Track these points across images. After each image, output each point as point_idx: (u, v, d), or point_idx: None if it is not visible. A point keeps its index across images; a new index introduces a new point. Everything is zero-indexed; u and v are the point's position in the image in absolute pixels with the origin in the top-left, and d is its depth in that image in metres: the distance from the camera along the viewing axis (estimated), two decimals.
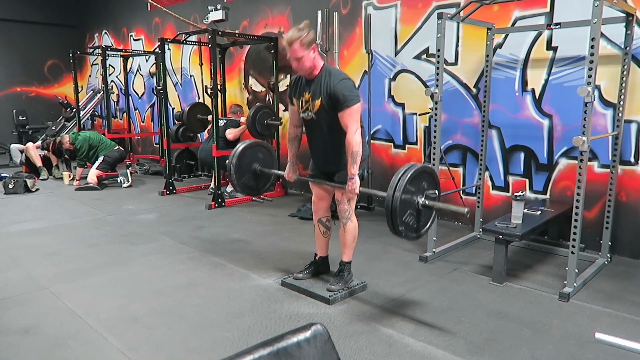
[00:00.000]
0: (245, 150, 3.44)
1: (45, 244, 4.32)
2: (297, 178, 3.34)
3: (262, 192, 3.66)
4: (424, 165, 2.67)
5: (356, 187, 2.90)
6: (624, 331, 2.72)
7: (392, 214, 2.51)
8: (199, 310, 2.99)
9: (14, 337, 2.65)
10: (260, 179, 3.57)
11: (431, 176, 2.72)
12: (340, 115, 2.85)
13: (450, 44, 4.71)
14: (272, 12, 6.59)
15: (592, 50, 2.86)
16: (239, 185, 3.47)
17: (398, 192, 2.49)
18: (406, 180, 2.51)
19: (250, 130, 5.80)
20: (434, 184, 2.72)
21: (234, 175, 3.40)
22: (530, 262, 3.81)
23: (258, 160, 3.52)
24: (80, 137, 7.03)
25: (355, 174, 2.87)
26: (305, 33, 2.79)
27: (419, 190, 2.61)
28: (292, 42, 2.78)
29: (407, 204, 2.55)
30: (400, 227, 2.54)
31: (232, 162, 3.39)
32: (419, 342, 2.57)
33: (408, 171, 2.55)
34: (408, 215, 2.57)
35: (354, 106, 2.82)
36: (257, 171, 3.49)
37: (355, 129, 2.82)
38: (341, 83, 2.82)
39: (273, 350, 1.00)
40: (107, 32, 10.42)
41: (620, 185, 3.82)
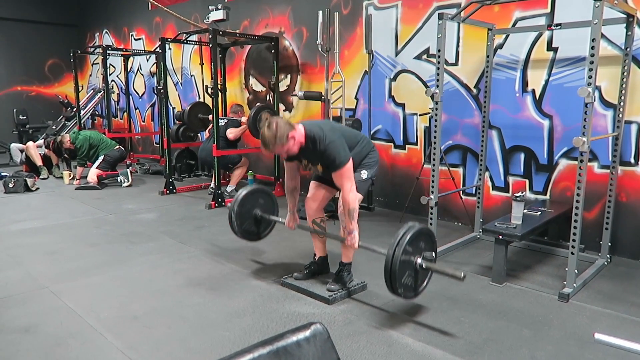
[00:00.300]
0: (247, 196, 3.53)
1: (46, 243, 4.32)
2: (297, 227, 3.41)
3: (262, 237, 3.71)
4: (422, 227, 2.73)
5: (355, 241, 2.97)
6: (624, 332, 2.72)
7: (391, 277, 2.60)
8: (198, 309, 2.99)
9: (14, 335, 2.66)
10: (261, 224, 3.65)
11: (429, 237, 2.79)
12: (333, 176, 2.91)
13: (451, 45, 4.71)
14: (273, 12, 6.59)
15: (593, 51, 2.86)
16: (240, 231, 3.54)
17: (397, 252, 2.57)
18: (405, 243, 2.59)
19: (251, 130, 5.79)
20: (432, 245, 2.80)
21: (235, 222, 3.49)
22: (530, 262, 3.81)
23: (259, 205, 3.60)
24: (80, 136, 7.03)
25: (353, 229, 2.94)
26: (274, 131, 2.74)
27: (417, 250, 2.69)
28: (272, 147, 2.78)
29: (406, 265, 2.63)
30: (400, 289, 2.63)
31: (234, 209, 3.47)
32: (419, 342, 2.57)
33: (408, 232, 2.62)
34: (406, 276, 2.65)
35: (344, 167, 2.85)
36: (258, 217, 3.57)
37: (349, 187, 2.87)
38: (328, 149, 2.82)
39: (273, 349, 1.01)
40: (107, 32, 10.42)
41: (620, 186, 3.82)
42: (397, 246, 2.58)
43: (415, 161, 5.23)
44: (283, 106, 6.61)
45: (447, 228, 4.74)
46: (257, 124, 5.79)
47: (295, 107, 6.54)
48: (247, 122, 5.81)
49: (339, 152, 2.82)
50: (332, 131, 2.89)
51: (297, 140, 2.83)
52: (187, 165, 7.81)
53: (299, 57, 6.34)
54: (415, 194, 4.84)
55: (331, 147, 2.81)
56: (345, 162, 2.84)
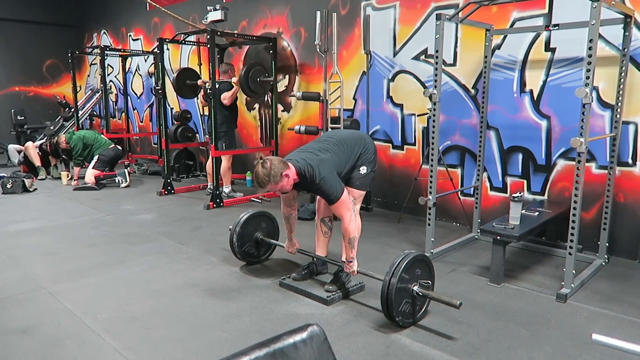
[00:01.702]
0: (249, 219, 3.64)
1: (43, 243, 4.31)
2: (297, 251, 3.47)
3: (262, 260, 3.79)
4: (418, 254, 2.77)
5: (355, 269, 3.07)
6: (621, 332, 2.72)
7: (387, 305, 2.63)
8: (196, 310, 2.99)
9: (12, 337, 2.65)
10: (261, 247, 3.75)
11: (425, 264, 2.82)
12: (332, 208, 2.99)
13: (449, 45, 4.72)
14: (271, 12, 6.59)
15: (590, 51, 2.87)
16: (240, 253, 3.63)
17: (393, 281, 2.60)
18: (401, 270, 2.63)
19: (243, 88, 5.69)
20: (428, 272, 2.84)
21: (235, 243, 3.58)
22: (528, 263, 3.82)
23: (260, 229, 3.72)
24: (74, 136, 7.04)
25: (353, 257, 3.05)
26: (268, 170, 2.77)
27: (413, 278, 2.72)
28: (265, 185, 2.81)
29: (402, 293, 2.67)
30: (397, 317, 2.65)
31: (235, 231, 3.57)
32: (417, 343, 2.57)
33: (404, 260, 2.67)
34: (404, 304, 2.69)
35: (340, 199, 2.91)
36: (259, 240, 3.67)
37: (349, 217, 2.95)
38: (322, 184, 2.87)
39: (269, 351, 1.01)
40: (105, 32, 10.41)
41: (618, 186, 3.83)
42: (393, 274, 2.63)
43: (413, 161, 5.24)
44: (281, 106, 6.61)
45: (445, 228, 4.75)
46: (249, 80, 5.71)
47: (294, 107, 6.54)
48: (239, 81, 5.72)
49: (331, 187, 2.88)
50: (324, 165, 2.90)
51: (290, 178, 2.87)
52: (186, 165, 7.81)
53: (297, 57, 6.34)
54: (414, 195, 4.84)
55: (324, 184, 2.87)
56: (339, 195, 2.90)
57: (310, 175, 2.87)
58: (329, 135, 3.28)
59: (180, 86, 6.56)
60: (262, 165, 2.77)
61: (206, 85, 5.68)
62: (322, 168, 2.88)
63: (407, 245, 4.25)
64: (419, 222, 4.82)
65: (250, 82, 5.73)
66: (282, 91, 6.55)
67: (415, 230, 4.67)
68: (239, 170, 7.00)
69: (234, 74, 6.05)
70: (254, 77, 5.75)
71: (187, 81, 6.58)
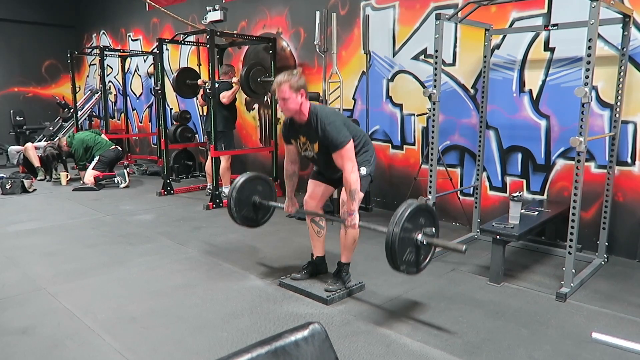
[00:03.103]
0: (245, 183, 3.53)
1: (43, 244, 4.31)
2: (296, 211, 3.41)
3: (261, 223, 3.71)
4: (421, 203, 2.72)
5: (356, 222, 2.96)
6: (621, 331, 2.73)
7: (392, 254, 2.58)
8: (196, 310, 2.98)
9: (11, 337, 2.65)
10: (259, 211, 3.64)
11: (429, 213, 2.78)
12: (334, 157, 2.92)
13: (448, 45, 4.72)
14: (271, 12, 6.60)
15: (589, 51, 2.87)
16: (239, 217, 3.54)
17: (397, 229, 2.55)
18: (404, 219, 2.57)
19: (243, 87, 5.70)
20: (432, 221, 2.79)
21: (233, 208, 3.48)
22: (527, 262, 3.82)
23: (257, 192, 3.60)
24: (75, 140, 7.03)
25: (355, 210, 2.94)
26: (296, 78, 2.87)
27: (417, 227, 2.67)
28: (281, 83, 2.86)
29: (407, 242, 2.61)
30: (402, 266, 2.61)
31: (232, 196, 3.47)
32: (417, 342, 2.57)
33: (406, 209, 2.61)
34: (408, 253, 2.64)
35: (345, 147, 2.87)
36: (257, 203, 3.57)
37: (350, 168, 2.88)
38: (330, 127, 2.86)
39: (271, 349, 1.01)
40: (105, 33, 10.41)
41: (617, 185, 3.83)
42: (397, 224, 2.55)
43: (412, 161, 5.24)
44: None
45: (445, 228, 4.75)
46: (249, 80, 5.70)
47: None
48: (240, 81, 5.72)
49: (339, 132, 2.86)
50: (335, 114, 2.96)
51: (301, 103, 2.89)
52: (185, 166, 7.80)
53: (296, 57, 6.34)
54: (413, 194, 4.85)
55: (332, 127, 2.85)
56: (346, 142, 2.86)
57: (320, 117, 2.88)
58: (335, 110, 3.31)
59: (179, 86, 6.56)
60: (291, 72, 2.89)
61: (206, 85, 5.68)
62: (332, 115, 2.92)
63: None
64: None
65: (251, 82, 5.73)
66: None
67: None
68: (238, 171, 6.97)
69: (234, 74, 6.06)
70: (254, 77, 5.75)
71: (186, 81, 6.58)
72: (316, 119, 2.89)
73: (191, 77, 6.64)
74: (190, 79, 6.61)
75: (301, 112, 2.92)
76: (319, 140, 2.94)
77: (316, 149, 3.01)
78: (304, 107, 2.91)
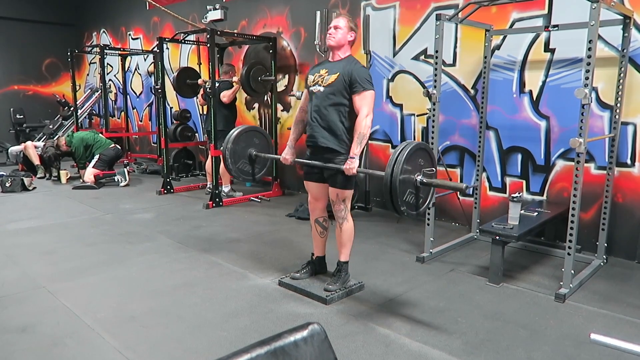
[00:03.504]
0: (241, 134, 3.42)
1: (43, 242, 4.31)
2: (293, 161, 3.35)
3: (257, 177, 3.60)
4: (419, 143, 2.67)
5: (354, 166, 2.90)
6: (620, 332, 2.73)
7: (392, 195, 2.52)
8: (196, 309, 2.99)
9: (11, 335, 2.65)
10: (255, 164, 3.54)
11: (427, 152, 2.71)
12: (355, 98, 2.94)
13: (449, 45, 4.72)
14: (271, 12, 6.59)
15: (590, 52, 2.88)
16: (234, 170, 3.44)
17: (396, 171, 2.48)
18: (403, 160, 2.50)
19: (244, 86, 5.71)
20: (431, 161, 2.73)
21: (229, 159, 3.38)
22: (526, 263, 3.83)
23: (253, 145, 3.50)
24: (75, 139, 7.03)
25: (357, 154, 2.91)
26: (354, 23, 3.05)
27: (415, 168, 2.61)
28: (341, 15, 3.05)
29: (406, 183, 2.56)
30: (402, 207, 2.55)
31: (227, 147, 3.37)
32: (416, 342, 2.58)
33: (404, 150, 2.54)
34: (408, 194, 2.58)
35: (370, 91, 2.94)
36: (253, 156, 3.47)
37: (367, 112, 2.91)
38: (364, 70, 2.97)
39: (270, 349, 1.01)
40: (105, 31, 10.40)
41: (617, 186, 3.84)
42: (395, 164, 2.50)
43: None
44: (281, 106, 6.61)
45: (445, 228, 4.75)
46: (250, 79, 5.69)
47: (293, 107, 6.54)
48: (240, 80, 5.72)
49: (367, 78, 2.94)
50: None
51: (346, 45, 3.03)
52: (185, 165, 7.80)
53: (296, 57, 6.34)
54: None
55: (363, 71, 2.95)
56: (371, 88, 2.94)
57: (355, 62, 2.98)
58: None
59: (180, 85, 6.58)
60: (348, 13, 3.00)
61: (206, 85, 5.68)
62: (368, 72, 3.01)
63: (406, 245, 4.25)
64: (418, 222, 4.82)
65: (252, 81, 5.73)
66: (281, 91, 6.55)
67: (415, 230, 4.68)
68: None
69: (234, 74, 6.08)
70: (255, 76, 5.75)
71: (187, 80, 6.60)
72: (352, 62, 2.98)
73: (191, 77, 6.65)
74: (190, 78, 6.63)
75: (342, 48, 3.02)
76: (341, 74, 2.94)
77: (330, 81, 2.98)
78: (347, 47, 3.04)
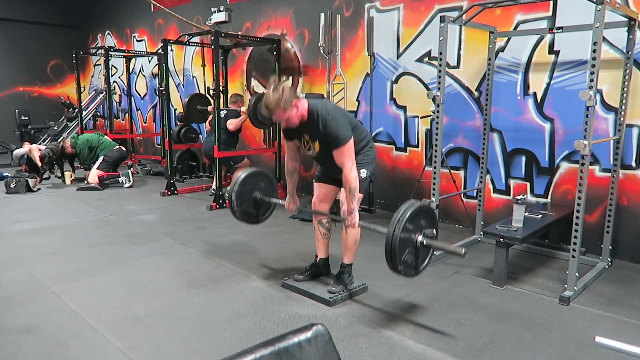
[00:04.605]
0: (248, 178, 3.49)
1: (47, 243, 4.33)
2: (297, 209, 3.40)
3: (261, 220, 3.68)
4: (422, 204, 2.70)
5: (356, 221, 2.93)
6: (625, 335, 2.72)
7: (391, 254, 2.56)
8: (199, 310, 2.99)
9: (15, 336, 2.66)
10: (260, 207, 3.61)
11: (429, 214, 2.76)
12: (334, 154, 2.89)
13: (453, 47, 4.72)
14: (275, 14, 6.61)
15: (594, 54, 2.87)
16: (239, 212, 3.50)
17: (397, 230, 2.53)
18: (405, 219, 2.55)
19: (251, 119, 5.76)
20: (432, 222, 2.77)
21: (234, 202, 3.44)
22: (531, 265, 3.81)
23: (259, 189, 3.56)
24: (79, 141, 7.07)
25: (354, 208, 2.92)
26: (280, 94, 2.74)
27: (417, 228, 2.65)
28: (273, 110, 2.78)
29: (406, 243, 2.59)
30: (400, 266, 2.59)
31: (234, 189, 3.44)
32: (419, 345, 2.57)
33: (407, 210, 2.59)
34: (407, 254, 2.62)
35: (345, 145, 2.84)
36: (258, 199, 3.54)
37: (350, 166, 2.86)
38: (329, 125, 2.82)
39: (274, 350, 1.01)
40: (110, 33, 10.45)
41: (622, 189, 3.82)
42: (397, 224, 2.53)
43: (416, 163, 5.24)
44: None
45: (448, 231, 4.75)
46: (257, 112, 5.75)
47: None
48: (248, 112, 5.79)
49: (340, 129, 2.82)
50: (336, 110, 2.91)
51: (299, 111, 2.83)
52: (189, 166, 7.82)
53: (300, 59, 6.35)
54: (417, 197, 4.84)
55: (333, 124, 2.82)
56: (347, 139, 2.84)
57: (321, 114, 2.83)
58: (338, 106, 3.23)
59: (190, 111, 6.87)
60: (274, 90, 2.73)
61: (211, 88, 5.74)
62: (334, 111, 2.86)
63: None
64: None
65: (259, 114, 5.76)
66: None
67: None
68: None
69: (242, 104, 6.26)
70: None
71: (197, 106, 6.87)
72: (317, 116, 2.85)
73: (202, 103, 6.89)
74: (201, 104, 6.87)
75: (303, 116, 2.88)
76: (320, 138, 2.92)
77: (317, 148, 2.99)
78: (302, 111, 2.86)
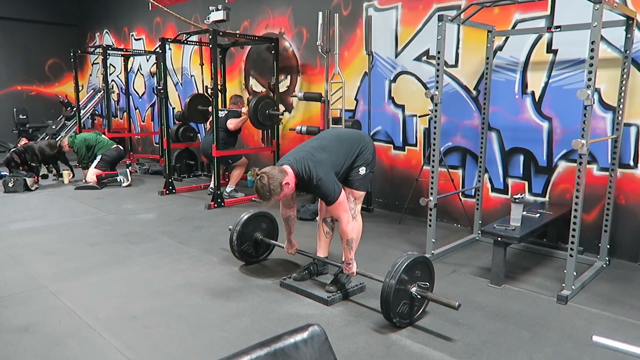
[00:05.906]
0: (250, 218, 3.66)
1: (45, 242, 4.32)
2: (296, 252, 3.48)
3: (260, 260, 3.82)
4: (418, 256, 2.79)
5: (354, 270, 3.07)
6: (622, 334, 2.72)
7: (386, 306, 2.65)
8: (197, 310, 2.99)
9: (13, 335, 2.66)
10: (260, 248, 3.78)
11: (425, 265, 2.85)
12: (330, 208, 3.02)
13: (451, 46, 4.72)
14: (273, 12, 6.60)
15: (592, 53, 2.87)
16: (238, 251, 3.65)
17: (392, 282, 2.63)
18: (401, 272, 2.65)
19: (251, 120, 5.78)
20: (428, 274, 2.86)
21: (235, 241, 3.61)
22: (528, 264, 3.82)
23: (261, 229, 3.74)
24: (77, 140, 7.05)
25: (352, 259, 3.06)
26: (268, 184, 2.75)
27: (412, 279, 2.75)
28: (269, 200, 2.82)
29: (401, 294, 2.69)
30: (395, 318, 2.67)
31: (236, 230, 3.59)
32: (417, 344, 2.57)
33: (403, 262, 2.69)
34: (402, 305, 2.71)
35: (338, 200, 2.92)
36: (258, 240, 3.69)
37: (346, 219, 2.97)
38: (320, 184, 2.88)
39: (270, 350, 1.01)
40: (108, 32, 10.42)
41: (619, 188, 3.82)
42: (393, 276, 2.64)
43: (414, 162, 5.24)
44: (283, 107, 6.61)
45: (446, 229, 4.75)
46: (257, 113, 5.77)
47: (295, 107, 6.54)
48: (248, 113, 5.81)
49: (329, 189, 2.90)
50: (321, 166, 2.89)
51: (291, 184, 2.87)
52: (187, 165, 7.81)
53: (299, 58, 6.34)
54: (415, 196, 4.84)
55: (322, 185, 2.88)
56: (337, 196, 2.92)
57: (308, 176, 2.88)
58: (328, 132, 3.32)
59: (191, 111, 6.87)
60: (261, 181, 2.77)
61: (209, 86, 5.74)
62: (319, 169, 2.88)
63: (408, 246, 4.25)
64: (420, 223, 4.82)
65: (259, 115, 5.78)
66: (283, 91, 6.56)
67: (416, 231, 4.67)
68: None
69: (243, 105, 6.30)
70: (262, 110, 5.80)
71: (198, 107, 6.88)
72: (307, 177, 2.88)
73: (203, 104, 6.88)
74: (202, 105, 6.87)
75: (294, 185, 2.92)
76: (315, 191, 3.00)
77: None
78: (292, 181, 2.87)
